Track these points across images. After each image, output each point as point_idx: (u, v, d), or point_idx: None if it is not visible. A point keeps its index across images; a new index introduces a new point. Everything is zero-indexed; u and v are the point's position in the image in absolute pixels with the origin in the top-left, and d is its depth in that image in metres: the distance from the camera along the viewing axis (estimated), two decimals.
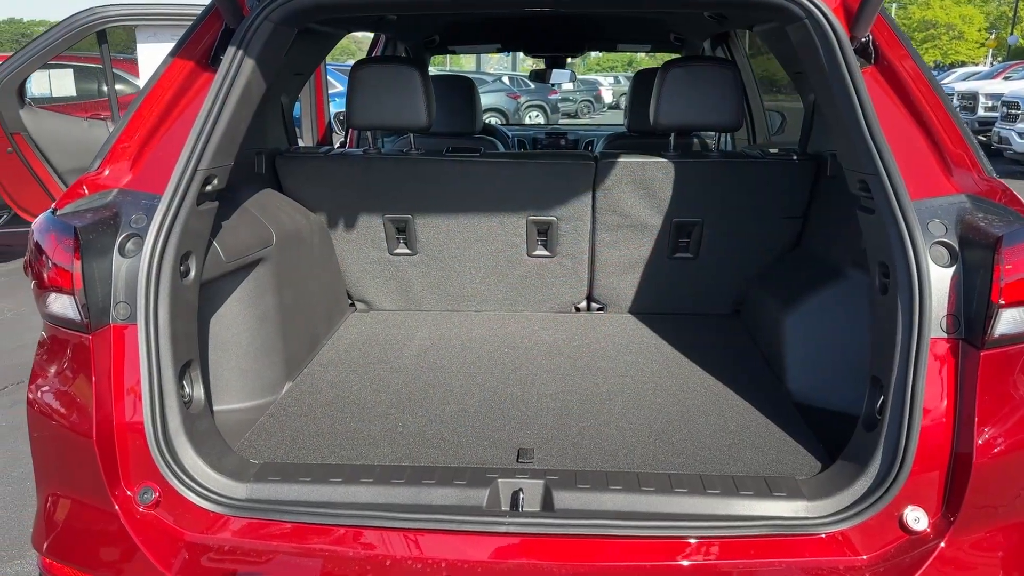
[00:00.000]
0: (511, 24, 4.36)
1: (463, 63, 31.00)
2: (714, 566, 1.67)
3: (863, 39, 1.97)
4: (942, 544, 1.66)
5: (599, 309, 3.20)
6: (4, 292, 7.00)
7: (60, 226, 1.83)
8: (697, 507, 1.76)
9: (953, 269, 1.72)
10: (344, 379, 2.54)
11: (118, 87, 10.73)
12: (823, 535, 1.68)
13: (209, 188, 2.01)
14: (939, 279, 1.71)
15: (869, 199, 1.88)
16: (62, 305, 1.83)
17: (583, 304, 3.21)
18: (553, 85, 5.63)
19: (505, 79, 25.38)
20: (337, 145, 4.62)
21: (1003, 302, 1.66)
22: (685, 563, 1.66)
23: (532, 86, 25.54)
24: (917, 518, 1.68)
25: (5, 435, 4.17)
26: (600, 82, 32.27)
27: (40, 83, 6.74)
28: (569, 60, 5.31)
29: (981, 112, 15.54)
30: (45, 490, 1.95)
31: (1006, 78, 18.01)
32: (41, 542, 1.93)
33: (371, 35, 4.48)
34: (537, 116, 24.86)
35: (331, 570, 1.72)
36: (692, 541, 1.68)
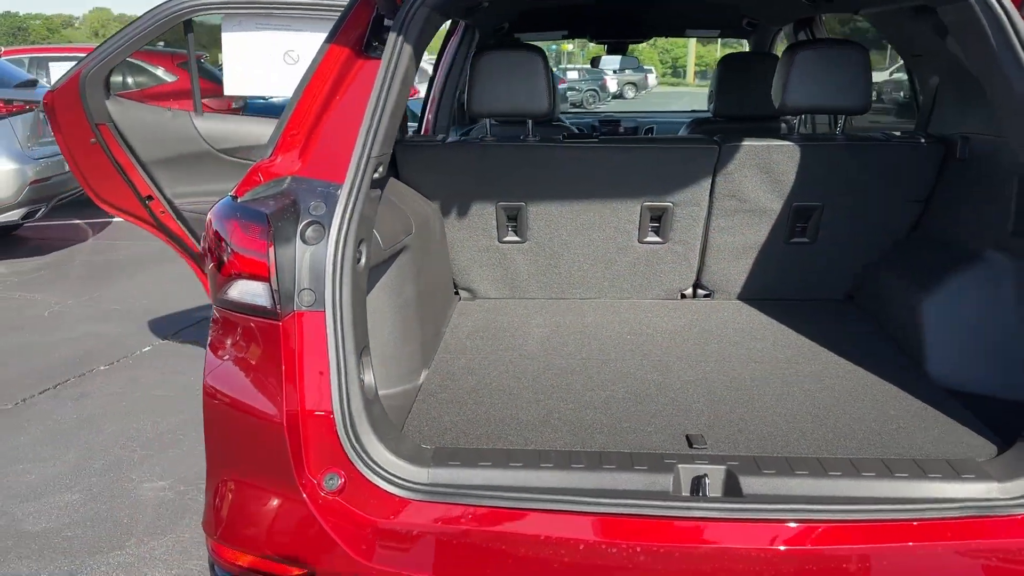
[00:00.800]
0: (585, 10, 4.34)
1: None
2: (912, 549, 1.67)
3: None
4: None
5: (706, 295, 3.20)
6: (44, 286, 6.94)
7: (250, 213, 1.82)
8: (887, 491, 1.76)
9: None
10: (478, 366, 2.54)
11: (141, 79, 10.63)
12: (1021, 516, 1.69)
13: (376, 175, 2.01)
14: None
15: None
16: (250, 292, 1.82)
17: (689, 291, 3.21)
18: (608, 71, 5.63)
19: None
20: (411, 133, 4.60)
21: None
22: (881, 546, 1.67)
23: None
24: None
25: (78, 428, 4.13)
26: (605, 72, 32.21)
27: None
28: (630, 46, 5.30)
29: None
30: (219, 475, 1.94)
31: None
32: (214, 527, 1.93)
33: None
34: None
35: (524, 554, 1.72)
36: (887, 525, 1.68)
